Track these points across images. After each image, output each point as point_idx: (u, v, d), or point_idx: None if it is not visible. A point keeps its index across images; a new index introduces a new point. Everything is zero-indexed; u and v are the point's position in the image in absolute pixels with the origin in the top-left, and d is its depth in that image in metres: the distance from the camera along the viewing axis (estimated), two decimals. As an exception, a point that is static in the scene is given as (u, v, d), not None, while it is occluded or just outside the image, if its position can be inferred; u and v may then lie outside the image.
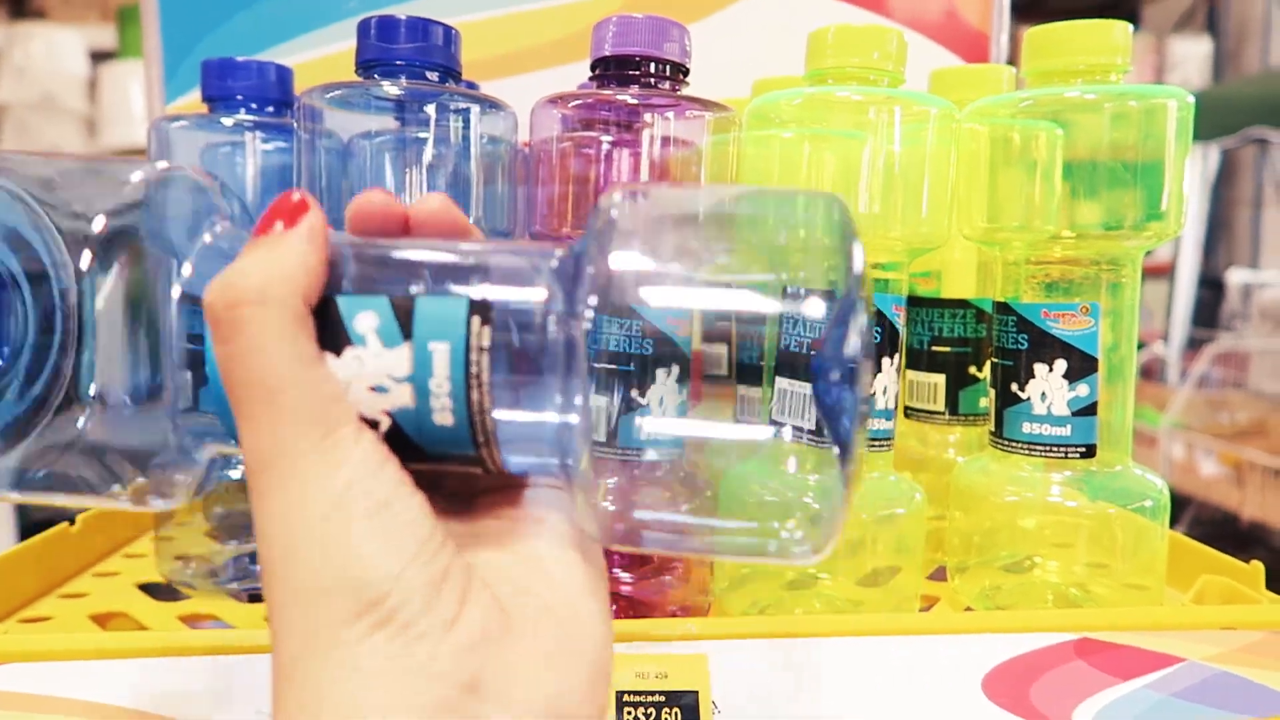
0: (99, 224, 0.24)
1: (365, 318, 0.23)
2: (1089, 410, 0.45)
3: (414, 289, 0.24)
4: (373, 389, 0.23)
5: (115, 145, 1.85)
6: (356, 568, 0.21)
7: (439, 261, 0.25)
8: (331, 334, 0.23)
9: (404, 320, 0.23)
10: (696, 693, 0.37)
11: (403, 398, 0.24)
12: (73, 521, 0.56)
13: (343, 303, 0.23)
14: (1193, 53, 2.73)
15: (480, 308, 0.23)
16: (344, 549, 0.21)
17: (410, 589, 0.21)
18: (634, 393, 0.23)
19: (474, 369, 0.23)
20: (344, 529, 0.21)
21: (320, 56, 0.70)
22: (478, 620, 0.22)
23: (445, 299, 0.23)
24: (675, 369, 0.24)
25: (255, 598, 0.52)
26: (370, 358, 0.23)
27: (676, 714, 0.38)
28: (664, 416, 0.24)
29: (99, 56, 1.95)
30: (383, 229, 0.26)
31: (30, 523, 1.72)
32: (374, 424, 0.24)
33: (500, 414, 0.24)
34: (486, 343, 0.23)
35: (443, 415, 0.24)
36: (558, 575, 0.25)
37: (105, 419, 0.24)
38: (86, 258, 0.24)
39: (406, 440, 0.24)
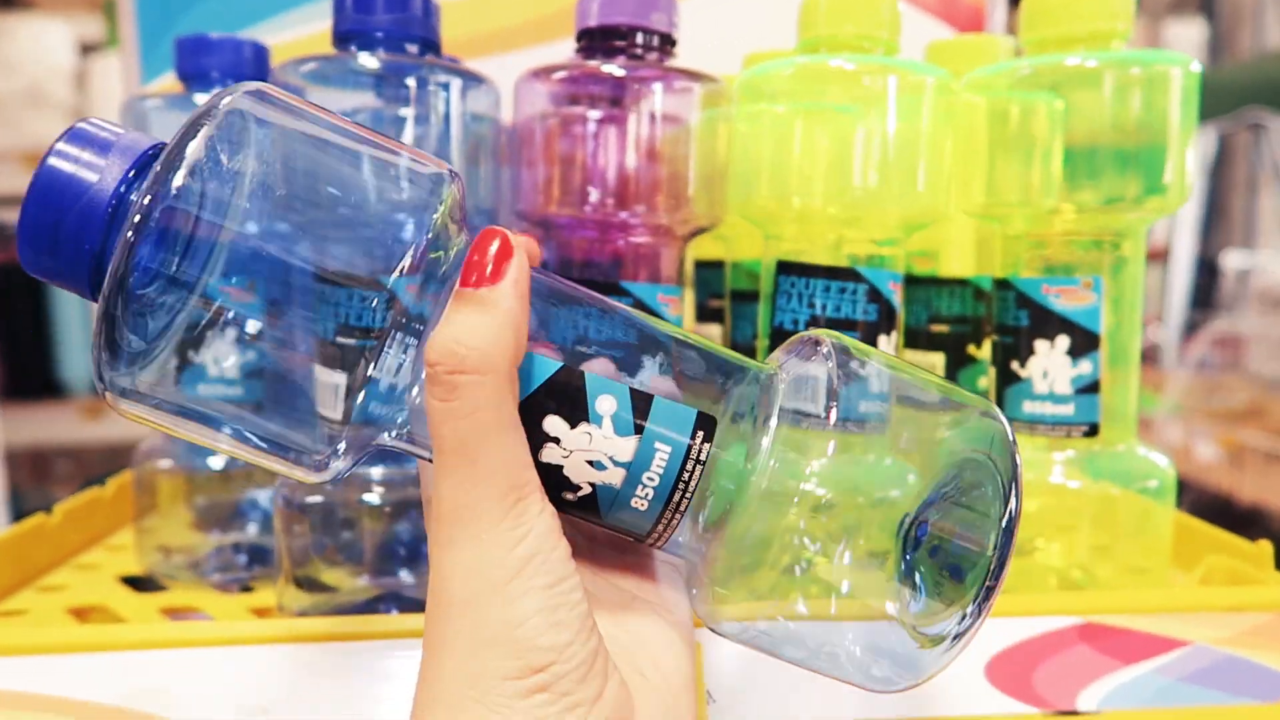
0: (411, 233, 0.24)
1: (606, 401, 0.25)
2: (1092, 388, 0.44)
3: (648, 377, 0.26)
4: (590, 463, 0.25)
5: (103, 137, 1.82)
6: (530, 632, 0.24)
7: (682, 347, 0.27)
8: (573, 406, 0.25)
9: (640, 414, 0.25)
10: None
11: (613, 478, 0.25)
12: (50, 512, 0.54)
13: (590, 381, 0.25)
14: (1187, 36, 2.72)
15: (706, 423, 0.25)
16: (521, 613, 0.24)
17: (571, 662, 0.24)
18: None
19: (685, 476, 0.25)
20: (523, 595, 0.24)
21: (300, 36, 0.68)
22: (614, 697, 0.25)
23: (679, 408, 0.25)
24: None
25: (246, 589, 0.51)
26: (600, 438, 0.25)
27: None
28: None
29: (87, 48, 1.93)
30: None
31: (25, 513, 1.71)
32: (575, 488, 0.26)
33: (689, 517, 0.26)
34: (704, 457, 0.25)
35: (640, 502, 0.26)
36: (667, 663, 0.27)
37: (354, 400, 0.25)
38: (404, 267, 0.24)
39: (594, 507, 0.26)
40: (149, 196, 0.22)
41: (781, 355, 0.28)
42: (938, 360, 0.54)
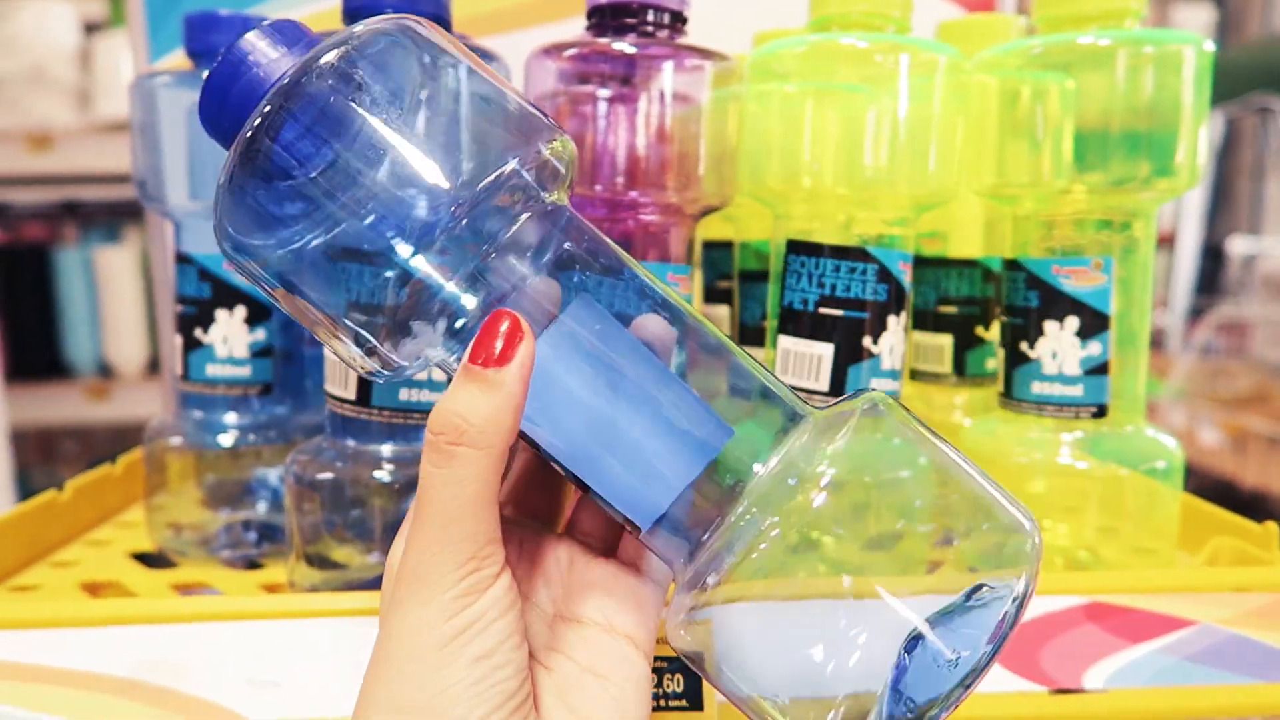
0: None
1: None
2: (1101, 369, 0.44)
3: None
4: None
5: (108, 117, 1.82)
6: (446, 702, 0.25)
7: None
8: None
9: None
10: (702, 654, 0.37)
11: None
12: (62, 489, 0.55)
13: None
14: (1196, 20, 2.70)
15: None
16: (443, 682, 0.25)
17: None
18: None
19: None
20: (449, 664, 0.25)
21: (310, 13, 0.68)
22: None
23: None
24: None
25: (253, 565, 0.51)
26: None
27: (679, 680, 0.37)
28: None
29: (91, 27, 1.93)
30: None
31: (32, 492, 1.71)
32: None
33: None
34: None
35: None
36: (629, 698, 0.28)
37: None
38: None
39: None
40: (302, 75, 0.25)
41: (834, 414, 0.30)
42: (945, 342, 0.54)
